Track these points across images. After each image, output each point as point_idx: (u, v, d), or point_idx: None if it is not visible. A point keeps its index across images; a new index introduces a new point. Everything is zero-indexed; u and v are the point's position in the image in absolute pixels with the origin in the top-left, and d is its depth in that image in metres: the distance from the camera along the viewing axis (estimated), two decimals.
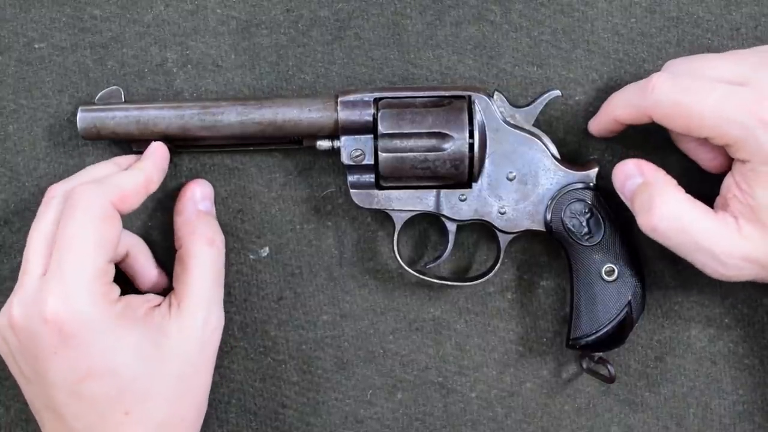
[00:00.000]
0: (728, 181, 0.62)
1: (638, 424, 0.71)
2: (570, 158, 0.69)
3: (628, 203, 0.64)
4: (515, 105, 0.66)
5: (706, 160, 0.65)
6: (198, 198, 0.68)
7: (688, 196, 0.61)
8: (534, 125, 0.66)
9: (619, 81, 0.69)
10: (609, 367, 0.67)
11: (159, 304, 0.63)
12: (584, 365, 0.69)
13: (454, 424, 0.71)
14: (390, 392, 0.71)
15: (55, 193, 0.63)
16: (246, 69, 0.70)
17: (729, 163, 0.62)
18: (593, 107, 0.69)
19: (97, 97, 0.67)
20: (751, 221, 0.59)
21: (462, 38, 0.70)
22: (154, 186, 0.65)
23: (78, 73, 0.70)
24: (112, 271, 0.61)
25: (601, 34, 0.69)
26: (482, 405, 0.71)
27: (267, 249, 0.71)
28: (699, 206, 0.60)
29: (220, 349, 0.69)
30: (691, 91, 0.59)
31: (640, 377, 0.71)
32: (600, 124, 0.67)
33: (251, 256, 0.71)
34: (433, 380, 0.71)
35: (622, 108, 0.64)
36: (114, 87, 0.67)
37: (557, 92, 0.66)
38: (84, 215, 0.59)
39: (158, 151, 0.65)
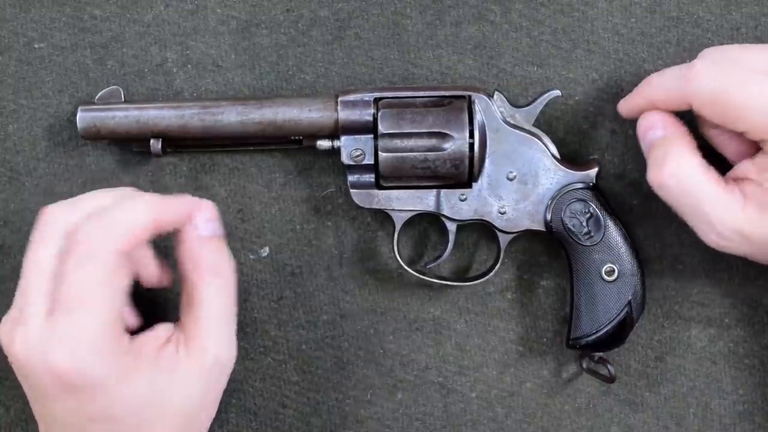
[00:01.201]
0: (747, 165, 0.61)
1: (638, 424, 0.71)
2: (570, 158, 0.69)
3: (645, 153, 0.63)
4: (515, 105, 0.66)
5: (731, 149, 0.63)
6: (199, 223, 0.61)
7: (703, 161, 0.60)
8: (534, 125, 0.66)
9: (619, 81, 0.69)
10: (609, 367, 0.67)
11: (168, 340, 0.60)
12: (584, 365, 0.69)
13: (454, 424, 0.71)
14: (390, 392, 0.71)
15: (54, 223, 0.58)
16: (246, 69, 0.70)
17: (751, 151, 0.62)
18: (593, 107, 0.70)
19: (96, 97, 0.67)
20: (758, 205, 0.59)
21: (462, 38, 0.70)
22: (164, 227, 0.59)
23: (78, 73, 0.70)
24: (123, 319, 0.58)
25: (601, 34, 0.70)
26: (482, 405, 0.71)
27: (267, 249, 0.71)
28: (711, 173, 0.60)
29: None
30: (735, 83, 0.58)
31: (640, 377, 0.71)
32: (632, 105, 0.65)
33: (251, 256, 0.71)
34: (433, 380, 0.71)
35: (660, 92, 0.62)
36: (114, 87, 0.67)
37: (557, 92, 0.66)
38: (94, 269, 0.55)
39: (186, 201, 0.61)
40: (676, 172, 0.60)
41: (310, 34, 0.70)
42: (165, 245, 0.70)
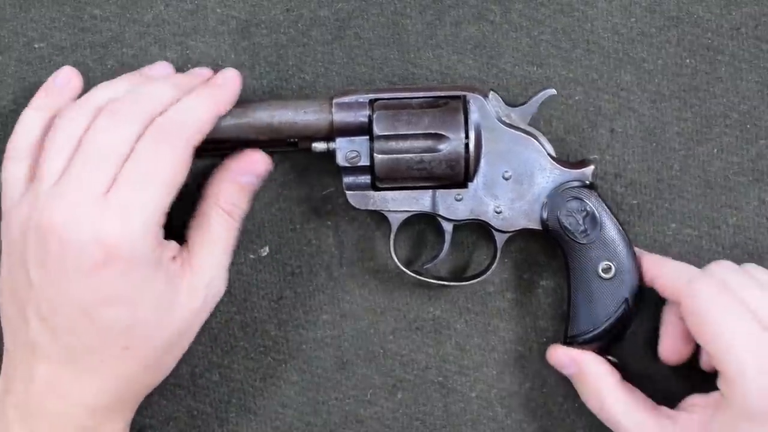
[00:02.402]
0: (696, 398, 0.64)
1: None
2: (570, 157, 0.69)
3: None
4: (511, 104, 0.66)
5: (704, 362, 0.66)
6: (247, 170, 0.65)
7: (623, 389, 0.65)
8: (533, 125, 0.66)
9: (619, 81, 0.70)
10: (609, 358, 0.67)
11: (174, 257, 0.62)
12: None
13: (454, 424, 0.71)
14: (390, 392, 0.71)
15: (124, 114, 0.59)
16: (246, 69, 0.70)
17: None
18: (593, 107, 0.70)
19: None
20: None
21: (462, 38, 0.70)
22: (222, 113, 0.63)
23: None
24: (166, 213, 0.60)
25: (601, 34, 0.70)
26: (482, 405, 0.71)
27: (267, 249, 0.71)
28: (636, 401, 0.65)
29: (221, 348, 0.70)
30: (725, 314, 0.60)
31: (640, 377, 0.70)
32: (646, 267, 0.66)
33: (251, 256, 0.71)
34: (433, 380, 0.71)
35: (666, 280, 0.64)
36: None
37: (553, 91, 0.66)
38: (168, 152, 0.58)
39: (232, 82, 0.64)
40: (600, 408, 0.65)
41: (310, 34, 0.70)
42: None
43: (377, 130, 0.64)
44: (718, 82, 0.70)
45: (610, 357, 0.67)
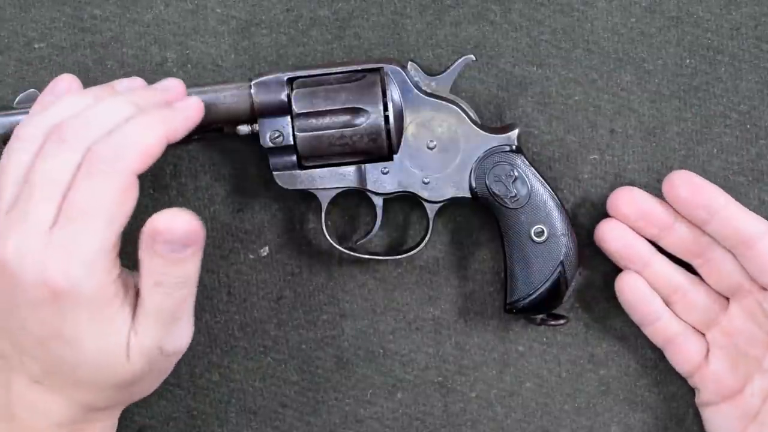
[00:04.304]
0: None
1: (638, 423, 0.71)
2: (567, 154, 0.69)
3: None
4: (431, 73, 0.66)
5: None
6: (158, 238, 0.56)
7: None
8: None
9: (619, 81, 0.70)
10: (555, 320, 0.67)
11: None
12: (538, 321, 0.68)
13: (453, 424, 0.71)
14: (390, 392, 0.71)
15: (69, 140, 0.56)
16: (246, 69, 0.70)
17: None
18: (593, 107, 0.70)
19: (15, 101, 0.64)
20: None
21: (462, 38, 0.70)
22: (176, 139, 0.58)
23: (78, 73, 0.69)
24: (119, 244, 0.57)
25: (600, 34, 0.70)
26: (482, 404, 0.71)
27: (267, 249, 0.71)
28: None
29: (221, 348, 0.69)
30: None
31: (640, 377, 0.71)
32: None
33: (251, 256, 0.71)
34: (432, 380, 0.71)
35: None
36: (32, 90, 0.64)
37: (471, 57, 0.66)
38: (104, 184, 0.55)
39: (193, 109, 0.60)
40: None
41: (310, 34, 0.70)
42: None
43: (296, 107, 0.64)
44: (718, 82, 0.70)
45: (554, 321, 0.67)
